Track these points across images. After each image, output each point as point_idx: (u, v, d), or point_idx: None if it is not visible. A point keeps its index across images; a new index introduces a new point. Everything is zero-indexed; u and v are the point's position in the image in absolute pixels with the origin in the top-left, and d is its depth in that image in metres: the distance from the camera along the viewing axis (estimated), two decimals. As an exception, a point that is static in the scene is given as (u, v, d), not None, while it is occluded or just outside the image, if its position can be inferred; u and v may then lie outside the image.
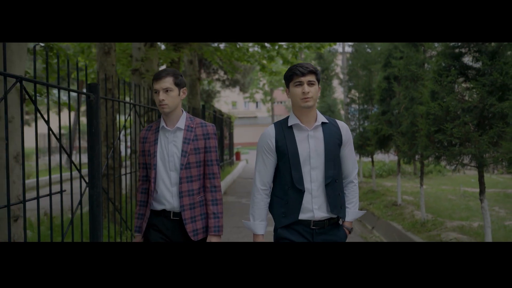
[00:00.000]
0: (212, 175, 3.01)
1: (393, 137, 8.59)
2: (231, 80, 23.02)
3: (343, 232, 2.88)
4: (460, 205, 9.18)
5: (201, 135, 2.97)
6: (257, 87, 43.77)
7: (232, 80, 23.01)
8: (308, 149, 2.75)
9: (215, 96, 25.08)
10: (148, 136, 3.03)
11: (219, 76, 22.58)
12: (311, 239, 2.77)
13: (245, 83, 26.99)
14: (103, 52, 6.25)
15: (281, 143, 2.76)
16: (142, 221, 3.06)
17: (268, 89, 44.44)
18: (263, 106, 53.79)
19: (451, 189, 11.59)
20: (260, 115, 56.30)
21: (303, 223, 2.76)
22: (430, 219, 7.65)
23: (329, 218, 2.80)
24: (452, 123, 5.29)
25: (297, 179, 2.73)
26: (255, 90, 44.41)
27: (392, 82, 8.64)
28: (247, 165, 23.15)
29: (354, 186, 2.92)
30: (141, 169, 3.09)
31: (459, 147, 5.29)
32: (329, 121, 2.83)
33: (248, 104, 57.41)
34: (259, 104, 55.81)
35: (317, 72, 2.74)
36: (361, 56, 11.53)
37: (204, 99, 23.15)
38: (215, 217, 2.98)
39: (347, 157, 2.87)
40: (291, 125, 2.78)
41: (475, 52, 5.66)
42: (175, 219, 2.95)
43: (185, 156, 2.92)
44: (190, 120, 3.01)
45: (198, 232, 2.96)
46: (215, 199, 3.00)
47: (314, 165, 2.74)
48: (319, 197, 2.75)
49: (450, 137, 5.32)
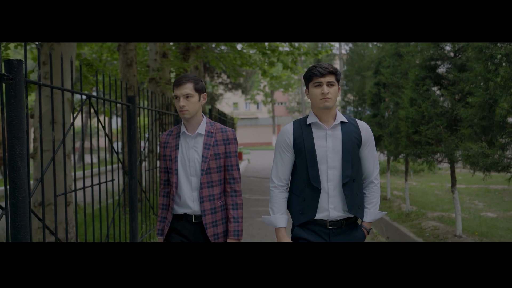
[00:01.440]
0: (232, 180, 3.02)
1: (383, 137, 9.52)
2: (234, 83, 24.03)
3: (361, 233, 2.83)
4: (444, 199, 10.09)
5: (221, 141, 2.99)
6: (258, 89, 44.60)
7: (234, 84, 24.02)
8: (326, 147, 2.73)
9: (218, 98, 26.05)
10: (169, 141, 3.06)
11: (222, 80, 23.57)
12: (328, 240, 2.75)
13: (247, 87, 27.99)
14: (126, 65, 7.18)
15: (299, 141, 2.77)
16: (164, 224, 3.10)
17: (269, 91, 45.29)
18: (264, 107, 54.68)
19: (438, 185, 12.50)
20: (261, 116, 57.11)
21: (319, 223, 2.75)
22: (414, 210, 8.57)
23: (346, 218, 2.77)
24: (427, 126, 6.22)
25: (313, 177, 2.72)
26: (256, 92, 45.22)
27: (381, 88, 9.57)
28: (249, 164, 24.08)
29: (374, 187, 2.87)
30: (162, 173, 3.12)
31: (432, 146, 6.22)
32: (349, 121, 2.81)
33: (249, 105, 58.27)
34: (260, 105, 56.67)
35: (337, 73, 2.72)
36: (355, 63, 12.45)
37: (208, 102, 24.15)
38: (235, 221, 3.00)
39: (367, 157, 2.84)
40: (310, 123, 2.78)
41: (448, 65, 6.60)
42: (197, 222, 2.98)
43: (206, 161, 2.94)
44: (211, 125, 3.03)
45: (219, 236, 2.99)
46: (235, 204, 3.01)
47: (331, 164, 2.73)
48: (336, 196, 2.73)
49: (425, 137, 6.25)
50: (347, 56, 15.16)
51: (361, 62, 11.91)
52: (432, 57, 6.49)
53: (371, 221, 2.86)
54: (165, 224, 3.08)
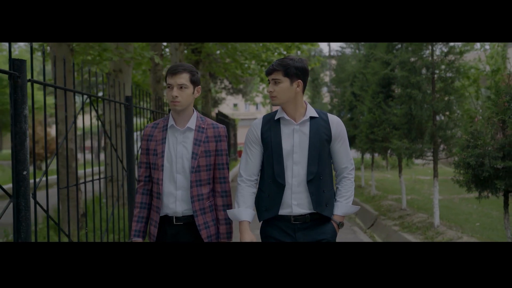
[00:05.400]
0: (223, 179, 2.87)
1: (357, 137, 11.86)
2: (235, 89, 26.54)
3: (331, 227, 2.75)
4: (408, 186, 12.43)
5: (213, 137, 2.83)
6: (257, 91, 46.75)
7: (236, 89, 26.53)
8: (292, 143, 2.68)
9: (221, 102, 28.54)
10: (154, 134, 2.85)
11: (225, 85, 26.02)
12: (293, 234, 2.70)
13: (247, 91, 30.55)
14: (155, 81, 9.49)
15: (266, 135, 2.72)
16: (142, 224, 2.88)
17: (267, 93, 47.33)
18: (263, 108, 56.82)
19: (408, 177, 14.85)
20: (260, 116, 59.14)
21: (283, 219, 2.71)
22: (378, 194, 10.91)
23: (311, 213, 2.71)
24: (378, 128, 8.55)
25: (278, 173, 2.69)
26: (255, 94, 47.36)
27: (353, 98, 11.93)
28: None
29: (347, 181, 2.80)
30: (143, 169, 2.89)
31: (382, 143, 8.56)
32: (320, 116, 2.74)
33: (248, 106, 60.50)
34: (259, 106, 58.83)
35: (286, 68, 2.62)
36: (339, 74, 14.81)
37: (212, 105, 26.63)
38: (226, 223, 2.87)
39: (338, 153, 2.78)
40: (278, 118, 2.73)
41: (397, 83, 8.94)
42: (178, 224, 2.80)
43: (196, 158, 2.77)
44: (201, 120, 2.85)
45: (212, 239, 2.85)
46: (226, 205, 2.88)
47: (296, 160, 2.68)
48: (300, 193, 2.68)
49: (376, 136, 8.58)
50: (335, 66, 17.53)
51: (342, 74, 14.25)
52: (384, 77, 8.81)
53: (343, 215, 2.77)
54: (143, 224, 2.89)
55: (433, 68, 6.81)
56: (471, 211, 8.68)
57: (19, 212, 2.53)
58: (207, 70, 13.75)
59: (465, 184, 4.68)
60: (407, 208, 8.81)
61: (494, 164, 4.34)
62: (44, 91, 2.83)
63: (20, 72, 2.50)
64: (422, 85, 6.80)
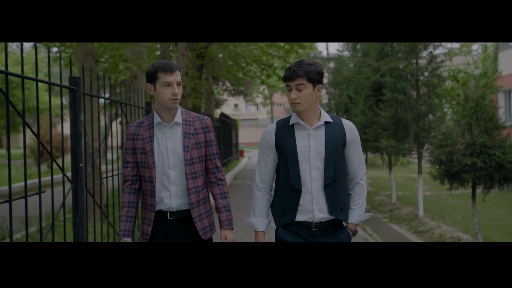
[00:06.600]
0: (216, 169, 2.92)
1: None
2: (237, 90, 27.36)
3: (346, 234, 2.76)
4: (401, 183, 13.17)
5: (201, 129, 2.87)
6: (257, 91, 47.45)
7: (237, 90, 27.35)
8: (308, 148, 2.68)
9: (223, 103, 29.36)
10: (140, 133, 2.85)
11: (227, 87, 26.85)
12: (312, 241, 2.69)
13: (248, 93, 31.38)
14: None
15: (281, 141, 2.71)
16: (131, 224, 2.87)
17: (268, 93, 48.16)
18: (263, 108, 57.43)
19: (402, 175, 15.60)
20: (261, 117, 59.88)
21: (303, 225, 2.69)
22: (372, 190, 11.67)
23: (331, 219, 2.70)
24: (370, 129, 9.30)
25: (294, 178, 2.67)
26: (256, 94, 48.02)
27: (348, 100, 12.70)
28: (249, 161, 27.35)
29: (360, 187, 2.80)
30: (130, 168, 2.89)
31: (373, 143, 9.30)
32: (334, 120, 2.73)
33: (249, 106, 61.11)
34: (260, 106, 59.49)
35: (308, 74, 2.59)
36: (335, 77, 15.56)
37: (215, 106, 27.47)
38: (226, 210, 2.91)
39: (352, 158, 2.78)
40: (292, 124, 2.71)
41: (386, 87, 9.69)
42: (172, 219, 2.83)
43: (188, 151, 2.81)
44: (186, 114, 2.88)
45: (206, 231, 2.88)
46: (223, 192, 2.92)
47: (313, 164, 2.67)
48: (320, 197, 2.67)
49: (368, 136, 9.33)
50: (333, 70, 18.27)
51: (339, 77, 15.01)
52: (375, 82, 9.56)
53: (357, 223, 2.78)
54: (132, 223, 2.87)
55: (417, 74, 7.56)
56: (455, 205, 9.43)
57: (76, 195, 3.30)
58: (210, 74, 14.52)
59: (438, 177, 5.43)
60: (397, 202, 9.56)
61: (462, 161, 5.09)
62: (50, 93, 3.14)
63: (77, 87, 3.34)
64: (407, 90, 7.55)
